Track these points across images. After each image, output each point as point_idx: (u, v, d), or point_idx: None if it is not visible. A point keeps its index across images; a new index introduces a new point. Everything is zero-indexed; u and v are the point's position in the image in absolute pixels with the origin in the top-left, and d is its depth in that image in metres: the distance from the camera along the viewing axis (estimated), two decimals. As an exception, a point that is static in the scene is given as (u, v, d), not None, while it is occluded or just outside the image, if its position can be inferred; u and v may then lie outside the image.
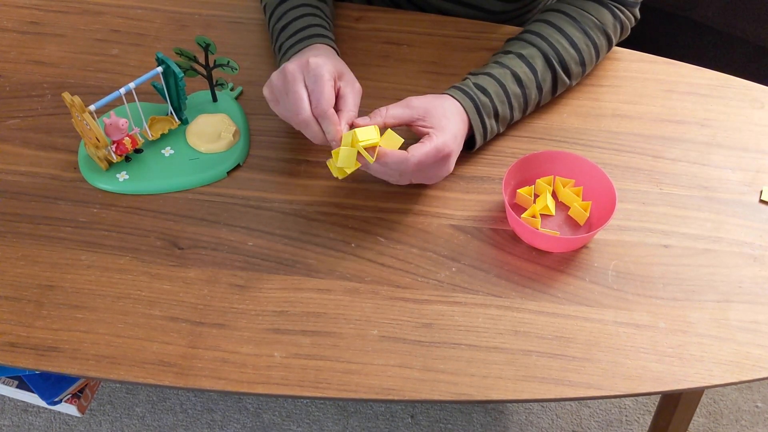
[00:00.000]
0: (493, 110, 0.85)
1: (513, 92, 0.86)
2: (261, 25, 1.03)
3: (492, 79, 0.86)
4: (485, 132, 0.85)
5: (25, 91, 0.95)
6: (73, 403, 1.17)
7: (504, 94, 0.85)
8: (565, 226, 0.82)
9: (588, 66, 0.92)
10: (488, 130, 0.85)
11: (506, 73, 0.86)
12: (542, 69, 0.88)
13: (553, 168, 0.84)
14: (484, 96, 0.84)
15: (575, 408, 1.45)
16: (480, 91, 0.85)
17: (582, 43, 0.89)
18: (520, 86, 0.86)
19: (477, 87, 0.85)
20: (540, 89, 0.88)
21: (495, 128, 0.86)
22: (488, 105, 0.84)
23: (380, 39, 1.01)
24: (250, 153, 0.89)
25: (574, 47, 0.89)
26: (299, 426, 1.42)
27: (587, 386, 0.71)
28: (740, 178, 0.87)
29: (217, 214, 0.83)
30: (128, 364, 0.72)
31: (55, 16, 1.04)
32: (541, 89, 0.88)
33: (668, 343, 0.74)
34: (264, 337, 0.74)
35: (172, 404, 1.45)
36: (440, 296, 0.77)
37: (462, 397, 0.70)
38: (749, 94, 0.96)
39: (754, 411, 1.45)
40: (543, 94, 0.89)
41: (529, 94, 0.87)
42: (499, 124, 0.87)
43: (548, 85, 0.89)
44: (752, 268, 0.79)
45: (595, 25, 0.90)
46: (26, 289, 0.77)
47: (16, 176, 0.87)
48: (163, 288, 0.77)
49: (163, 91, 0.88)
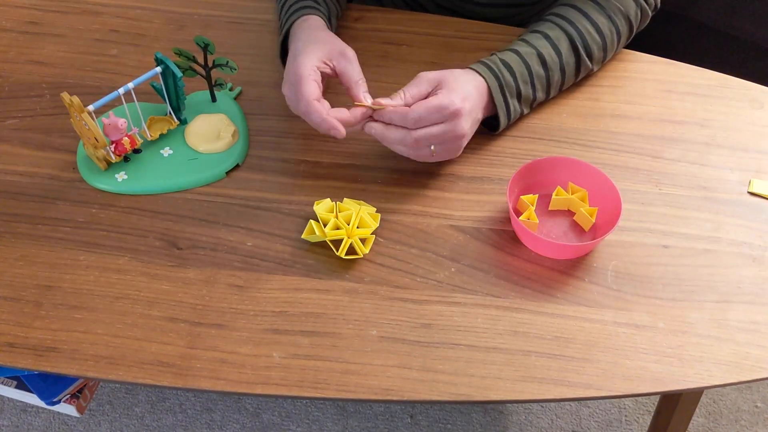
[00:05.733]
0: (516, 90, 0.85)
1: (537, 73, 0.86)
2: (260, 25, 1.03)
3: (518, 57, 0.86)
4: (509, 112, 0.85)
5: (23, 91, 0.95)
6: (72, 403, 1.17)
7: (528, 75, 0.86)
8: (570, 231, 0.82)
9: (609, 52, 0.93)
10: (512, 111, 0.86)
11: (532, 52, 0.87)
12: (567, 52, 0.88)
13: (557, 174, 0.83)
14: (509, 74, 0.85)
15: (575, 408, 1.45)
16: (505, 67, 0.85)
17: (606, 29, 0.90)
18: (544, 68, 0.87)
19: (503, 63, 0.85)
20: (563, 72, 0.89)
21: (518, 109, 0.87)
22: (512, 85, 0.85)
23: (379, 39, 1.01)
24: (249, 153, 0.89)
25: (599, 32, 0.90)
26: (299, 426, 1.42)
27: (586, 386, 0.71)
28: (740, 178, 0.87)
29: (216, 215, 0.83)
30: (127, 364, 0.72)
31: (54, 16, 1.04)
32: (564, 72, 0.89)
33: (668, 344, 0.74)
34: (263, 337, 0.74)
35: (172, 404, 1.45)
36: (439, 296, 0.77)
37: (461, 398, 0.70)
38: (749, 94, 0.96)
39: (754, 411, 1.45)
40: (566, 77, 0.90)
41: (552, 76, 0.88)
42: (522, 105, 0.87)
43: (571, 69, 0.90)
44: (751, 269, 0.79)
45: (620, 11, 0.91)
46: (25, 290, 0.77)
47: (14, 176, 0.86)
48: (162, 288, 0.77)
49: (162, 92, 0.88)
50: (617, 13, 0.91)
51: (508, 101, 0.85)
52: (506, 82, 0.84)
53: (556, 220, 0.83)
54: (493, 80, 0.84)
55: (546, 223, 0.82)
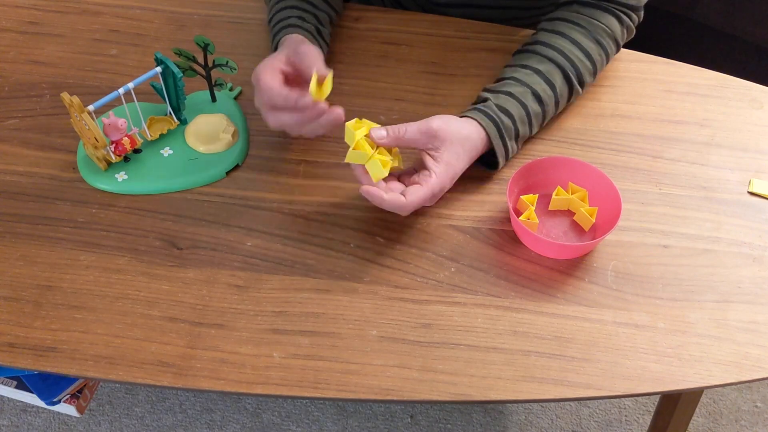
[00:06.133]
0: (515, 132, 0.84)
1: (534, 112, 0.85)
2: (260, 25, 1.03)
3: (514, 101, 0.84)
4: (507, 153, 0.85)
5: (23, 91, 0.95)
6: (72, 403, 1.17)
7: (526, 116, 0.85)
8: (570, 231, 0.82)
9: (598, 73, 0.92)
10: (510, 152, 0.85)
11: (527, 92, 0.85)
12: (561, 84, 0.87)
13: (557, 174, 0.83)
14: (508, 119, 0.83)
15: (575, 408, 1.45)
16: (503, 113, 0.83)
17: (596, 54, 0.89)
18: (540, 105, 0.86)
19: (500, 109, 0.83)
20: (558, 104, 0.88)
21: (515, 149, 0.86)
22: (511, 128, 0.84)
23: (379, 39, 1.01)
24: (249, 153, 0.89)
25: (589, 59, 0.88)
26: (299, 426, 1.42)
27: (586, 386, 0.71)
28: (739, 178, 0.87)
29: (216, 215, 0.83)
30: (127, 364, 0.72)
31: (53, 16, 1.04)
32: (558, 104, 0.88)
33: (667, 344, 0.74)
34: (263, 337, 0.74)
35: (172, 404, 1.45)
36: (439, 296, 0.77)
37: (461, 398, 0.70)
38: (748, 94, 0.96)
39: (754, 411, 1.45)
40: (560, 107, 0.89)
41: (547, 110, 0.87)
42: (519, 143, 0.86)
43: (565, 98, 0.89)
44: (751, 269, 0.79)
45: (607, 33, 0.89)
46: (25, 290, 0.77)
47: (14, 176, 0.86)
48: (162, 288, 0.77)
49: (162, 92, 0.88)
50: (605, 36, 0.89)
51: (507, 143, 0.84)
52: (505, 127, 0.83)
53: (556, 220, 0.83)
54: (493, 128, 0.82)
55: (546, 223, 0.82)
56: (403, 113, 0.92)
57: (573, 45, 0.88)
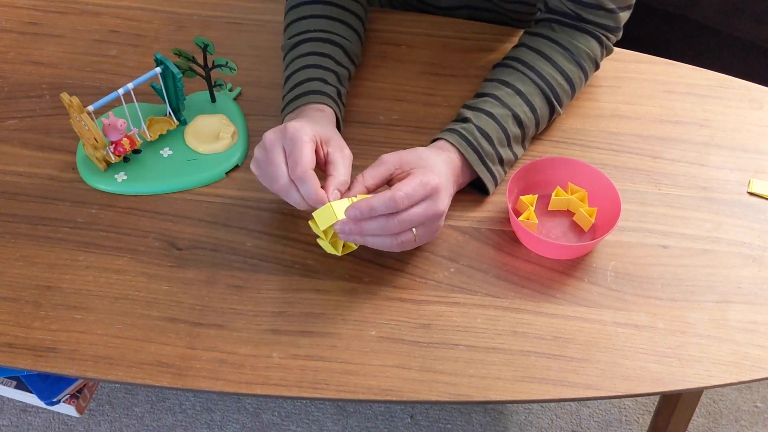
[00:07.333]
0: (497, 158, 0.83)
1: (514, 135, 0.84)
2: (259, 25, 1.03)
3: (493, 122, 0.83)
4: (495, 179, 0.83)
5: (23, 91, 0.95)
6: (72, 403, 1.17)
7: (506, 138, 0.83)
8: (570, 232, 0.82)
9: (576, 94, 0.91)
10: (497, 176, 0.84)
11: (507, 114, 0.84)
12: (541, 107, 0.86)
13: (557, 174, 0.83)
14: (487, 143, 0.82)
15: (575, 408, 1.45)
16: (482, 135, 0.82)
17: (576, 77, 0.88)
18: (520, 128, 0.85)
19: (479, 130, 0.82)
20: (538, 126, 0.87)
21: (503, 172, 0.85)
22: (491, 153, 0.82)
23: (379, 39, 1.01)
24: (248, 154, 0.89)
25: (569, 82, 0.88)
26: (298, 426, 1.42)
27: (586, 387, 0.71)
28: (739, 178, 0.87)
29: (215, 215, 0.83)
30: (126, 364, 0.72)
31: (53, 17, 1.04)
32: (538, 126, 0.87)
33: (667, 344, 0.74)
34: (262, 337, 0.74)
35: (171, 404, 1.45)
36: (439, 297, 0.77)
37: (461, 398, 0.70)
38: (748, 94, 0.96)
39: (754, 411, 1.45)
40: (539, 128, 0.88)
41: (527, 133, 0.86)
42: (505, 167, 0.85)
43: (545, 120, 0.88)
44: (751, 269, 0.79)
45: (588, 56, 0.89)
46: (24, 290, 0.77)
47: (14, 177, 0.86)
48: (162, 289, 0.77)
49: (162, 92, 0.88)
50: (586, 59, 0.89)
51: (491, 169, 0.83)
52: (486, 153, 0.82)
53: (555, 220, 0.83)
54: (472, 154, 0.81)
55: (545, 223, 0.82)
56: (403, 113, 0.92)
57: (553, 68, 0.87)
